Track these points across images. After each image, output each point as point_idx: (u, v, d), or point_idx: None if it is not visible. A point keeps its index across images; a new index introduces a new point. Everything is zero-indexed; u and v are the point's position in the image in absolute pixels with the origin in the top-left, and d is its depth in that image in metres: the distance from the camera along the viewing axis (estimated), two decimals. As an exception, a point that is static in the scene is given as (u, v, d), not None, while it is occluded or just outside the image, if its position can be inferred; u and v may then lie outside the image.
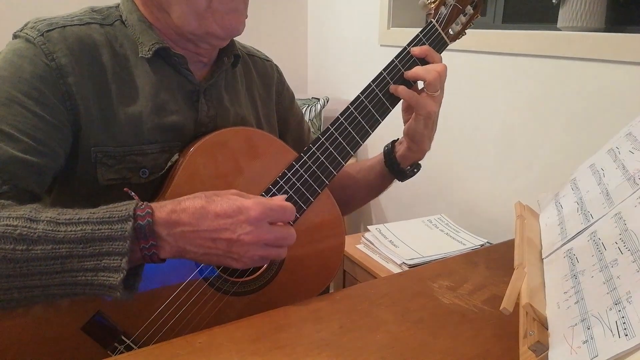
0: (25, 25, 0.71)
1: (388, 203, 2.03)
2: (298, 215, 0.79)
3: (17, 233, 0.56)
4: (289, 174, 0.78)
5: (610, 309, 0.43)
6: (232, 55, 0.84)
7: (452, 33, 0.88)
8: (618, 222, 0.52)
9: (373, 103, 0.82)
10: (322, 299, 0.73)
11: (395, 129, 0.93)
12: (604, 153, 0.69)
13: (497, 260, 0.86)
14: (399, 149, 0.92)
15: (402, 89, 0.83)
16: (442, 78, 0.83)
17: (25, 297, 0.59)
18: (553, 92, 1.33)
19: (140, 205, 0.62)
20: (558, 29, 1.37)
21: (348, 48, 2.18)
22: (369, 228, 1.49)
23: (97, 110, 0.71)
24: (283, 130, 0.97)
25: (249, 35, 0.88)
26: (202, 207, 0.65)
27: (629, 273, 0.45)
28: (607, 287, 0.46)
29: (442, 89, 0.85)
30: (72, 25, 0.72)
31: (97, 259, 0.58)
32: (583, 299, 0.48)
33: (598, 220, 0.57)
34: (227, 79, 0.85)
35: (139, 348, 0.70)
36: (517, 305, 0.53)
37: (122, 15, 0.77)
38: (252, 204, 0.66)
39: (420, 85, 0.85)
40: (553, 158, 1.35)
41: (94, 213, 0.60)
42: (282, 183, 0.78)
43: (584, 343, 0.43)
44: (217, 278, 0.74)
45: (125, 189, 0.67)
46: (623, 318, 0.41)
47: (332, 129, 0.80)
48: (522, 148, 1.44)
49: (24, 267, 0.57)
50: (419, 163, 0.94)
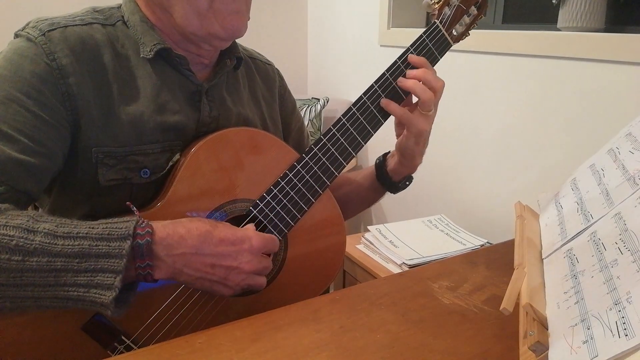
0: (27, 25, 0.71)
1: (388, 203, 2.03)
2: (299, 217, 0.79)
3: (13, 244, 0.56)
4: (291, 175, 0.78)
5: (610, 309, 0.43)
6: (234, 58, 0.83)
7: (455, 34, 0.87)
8: (618, 222, 0.52)
9: (376, 104, 0.82)
10: (322, 299, 0.73)
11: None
12: (604, 153, 0.69)
13: (497, 260, 0.86)
14: (390, 163, 0.92)
15: (393, 106, 0.82)
16: (437, 97, 0.82)
17: (17, 306, 0.59)
18: (553, 92, 1.33)
19: (141, 224, 0.61)
20: (558, 29, 1.37)
21: (348, 48, 2.18)
22: (369, 228, 1.49)
23: (98, 111, 0.71)
24: (285, 134, 0.97)
25: (249, 36, 0.88)
26: (207, 231, 0.65)
27: (629, 273, 0.45)
28: (607, 287, 0.46)
29: (435, 108, 0.84)
30: (74, 25, 0.72)
31: (91, 275, 0.58)
32: (583, 299, 0.48)
33: (598, 221, 0.57)
34: (228, 81, 0.85)
35: (139, 348, 0.70)
36: (517, 305, 0.53)
37: (124, 16, 0.77)
38: (253, 234, 0.69)
39: (415, 99, 0.84)
40: (553, 158, 1.35)
41: (93, 228, 0.60)
42: (283, 184, 0.78)
43: (584, 343, 0.43)
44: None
45: (128, 203, 0.67)
46: (623, 318, 0.41)
47: (333, 130, 0.80)
48: (522, 148, 1.44)
49: (18, 277, 0.57)
50: (411, 176, 0.94)
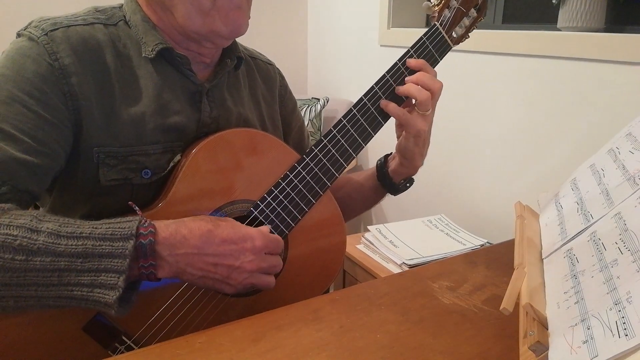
0: (29, 24, 0.71)
1: (388, 203, 2.03)
2: (300, 218, 0.79)
3: (17, 243, 0.56)
4: (291, 176, 0.78)
5: (610, 309, 0.43)
6: (234, 57, 0.83)
7: (455, 36, 0.87)
8: (618, 222, 0.52)
9: (376, 106, 0.82)
10: (322, 299, 0.73)
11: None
12: (604, 153, 0.69)
13: (497, 260, 0.86)
14: (391, 164, 0.92)
15: (392, 107, 0.82)
16: (434, 98, 0.82)
17: (20, 306, 0.59)
18: (553, 92, 1.33)
19: (144, 224, 0.62)
20: (558, 29, 1.37)
21: (348, 48, 2.18)
22: (369, 228, 1.49)
23: (99, 111, 0.71)
24: (286, 133, 0.97)
25: (249, 35, 0.88)
26: (208, 230, 0.65)
27: (629, 273, 0.45)
28: (607, 287, 0.46)
29: (433, 108, 0.84)
30: (76, 25, 0.72)
31: (94, 275, 0.58)
32: (583, 299, 0.48)
33: (598, 221, 0.57)
34: (229, 81, 0.85)
35: (140, 348, 0.70)
36: (517, 305, 0.53)
37: (125, 16, 0.77)
38: (256, 233, 0.69)
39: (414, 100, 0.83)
40: (553, 158, 1.35)
41: (96, 228, 0.60)
42: (284, 185, 0.78)
43: (584, 343, 0.43)
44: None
45: (130, 203, 0.67)
46: (623, 318, 0.41)
47: (334, 131, 0.80)
48: (522, 148, 1.44)
49: (22, 277, 0.57)
50: (412, 178, 0.93)
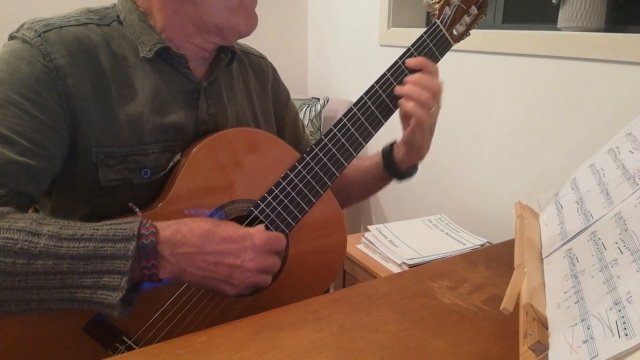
0: (22, 26, 0.71)
1: (388, 203, 2.03)
2: (300, 217, 0.79)
3: (17, 247, 0.56)
4: (292, 175, 0.78)
5: (610, 309, 0.43)
6: (228, 52, 0.84)
7: (456, 34, 0.87)
8: (618, 222, 0.52)
9: (376, 105, 0.82)
10: (322, 299, 0.73)
11: (396, 130, 0.93)
12: (604, 153, 0.69)
13: (497, 260, 0.86)
14: (397, 153, 0.92)
15: (402, 100, 0.82)
16: (436, 97, 0.82)
17: (22, 309, 0.59)
18: (553, 92, 1.33)
19: (145, 224, 0.62)
20: (558, 29, 1.37)
21: (348, 48, 2.18)
22: (369, 228, 1.49)
23: (96, 111, 0.71)
24: (280, 126, 0.97)
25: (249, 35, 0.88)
26: (208, 230, 0.66)
27: (629, 273, 0.45)
28: (607, 287, 0.46)
29: (437, 105, 0.84)
30: (69, 26, 0.71)
31: (97, 277, 0.58)
32: (583, 299, 0.48)
33: (598, 220, 0.57)
34: (224, 77, 0.85)
35: (140, 348, 0.70)
36: (517, 305, 0.53)
37: (119, 15, 0.77)
38: (256, 232, 0.69)
39: None
40: (553, 158, 1.35)
41: (98, 230, 0.60)
42: (284, 184, 0.78)
43: (584, 343, 0.43)
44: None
45: (130, 204, 0.67)
46: (623, 318, 0.41)
47: (334, 131, 0.80)
48: (522, 148, 1.44)
49: (23, 280, 0.57)
50: (417, 165, 0.95)
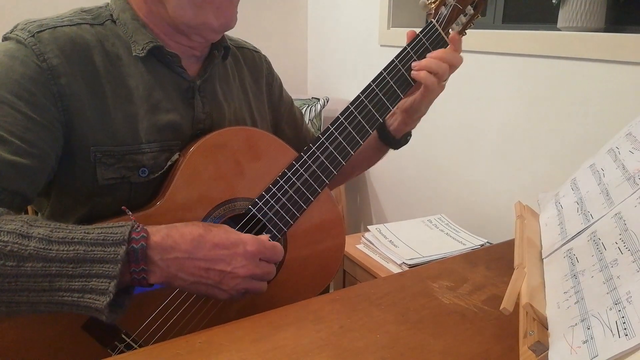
0: (15, 27, 0.71)
1: (388, 203, 2.03)
2: (298, 215, 0.79)
3: (7, 249, 0.56)
4: (289, 174, 0.78)
5: (610, 309, 0.43)
6: (222, 48, 0.84)
7: (452, 33, 0.88)
8: (618, 222, 0.52)
9: (373, 103, 0.82)
10: (322, 299, 0.73)
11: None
12: (604, 153, 0.69)
13: (497, 260, 0.86)
14: (392, 123, 0.94)
15: (423, 73, 0.83)
16: (452, 70, 0.85)
17: (13, 311, 0.59)
18: (553, 92, 1.33)
19: (136, 228, 0.62)
20: (558, 29, 1.37)
21: (348, 48, 2.18)
22: (369, 228, 1.49)
23: (92, 110, 0.71)
24: (277, 119, 0.98)
25: (249, 35, 0.88)
26: (200, 235, 0.65)
27: (629, 273, 0.45)
28: (607, 287, 0.46)
29: (447, 78, 0.87)
30: (62, 26, 0.71)
31: (85, 280, 0.58)
32: (583, 299, 0.48)
33: (598, 220, 0.57)
34: (219, 73, 0.85)
35: (140, 347, 0.70)
36: (517, 305, 0.53)
37: (112, 15, 0.77)
38: (248, 239, 0.68)
39: None
40: (553, 158, 1.35)
41: (88, 233, 0.60)
42: (282, 182, 0.78)
43: (584, 343, 0.43)
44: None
45: (123, 207, 0.67)
46: (623, 318, 0.41)
47: (332, 129, 0.81)
48: (521, 148, 1.44)
49: (12, 282, 0.57)
50: (410, 131, 0.98)
